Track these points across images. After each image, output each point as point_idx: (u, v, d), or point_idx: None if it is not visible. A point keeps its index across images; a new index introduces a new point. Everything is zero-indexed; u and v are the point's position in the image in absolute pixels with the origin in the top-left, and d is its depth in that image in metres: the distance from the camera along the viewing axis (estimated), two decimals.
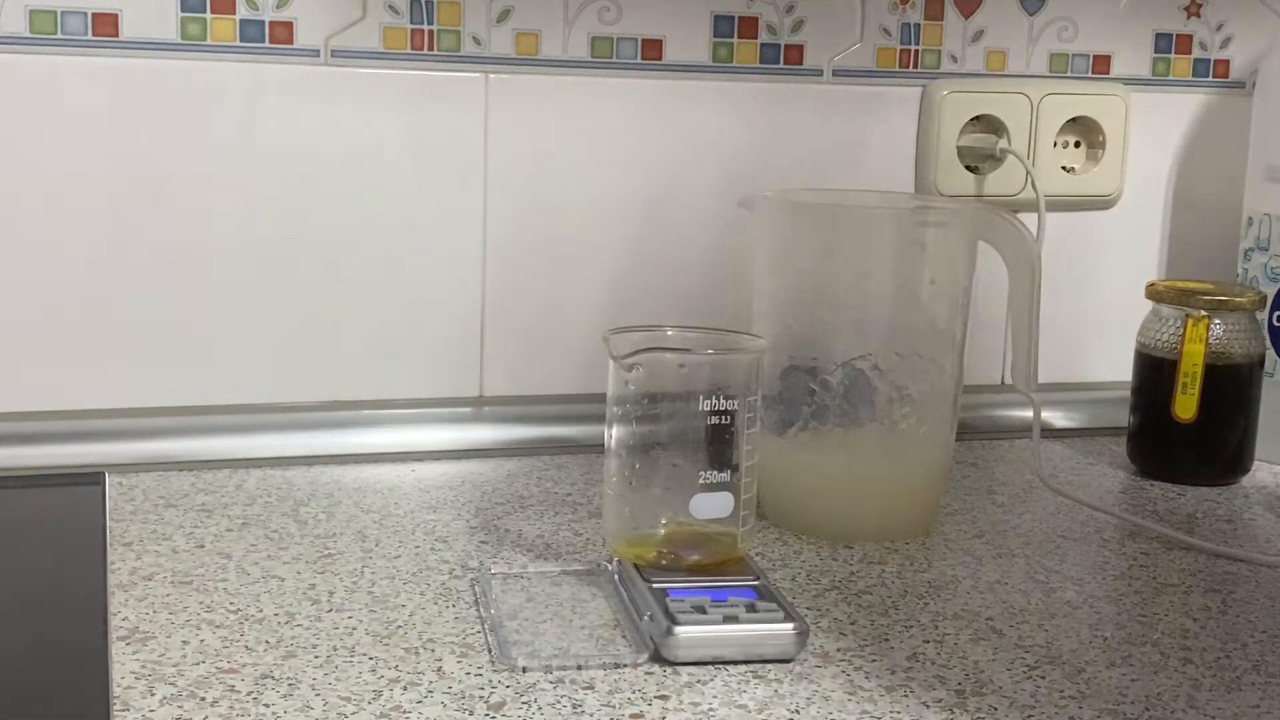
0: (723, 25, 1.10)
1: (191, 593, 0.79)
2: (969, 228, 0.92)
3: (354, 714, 0.66)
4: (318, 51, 1.02)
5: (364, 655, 0.72)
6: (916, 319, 0.91)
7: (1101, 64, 1.19)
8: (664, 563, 0.80)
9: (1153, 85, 1.20)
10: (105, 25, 0.98)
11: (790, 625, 0.73)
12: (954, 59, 1.15)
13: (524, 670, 0.70)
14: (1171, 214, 1.23)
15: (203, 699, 0.67)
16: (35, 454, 1.00)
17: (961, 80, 1.15)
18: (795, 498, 0.92)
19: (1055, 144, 1.17)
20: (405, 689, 0.68)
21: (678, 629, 0.72)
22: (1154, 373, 1.06)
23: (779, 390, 0.92)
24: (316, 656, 0.72)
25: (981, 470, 1.08)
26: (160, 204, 1.01)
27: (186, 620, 0.75)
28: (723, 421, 0.80)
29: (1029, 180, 1.14)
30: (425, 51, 1.04)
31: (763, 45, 1.11)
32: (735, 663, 0.72)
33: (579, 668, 0.71)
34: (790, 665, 0.72)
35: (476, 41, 1.05)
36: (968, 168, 1.15)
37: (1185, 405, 1.04)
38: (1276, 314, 1.09)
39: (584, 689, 0.69)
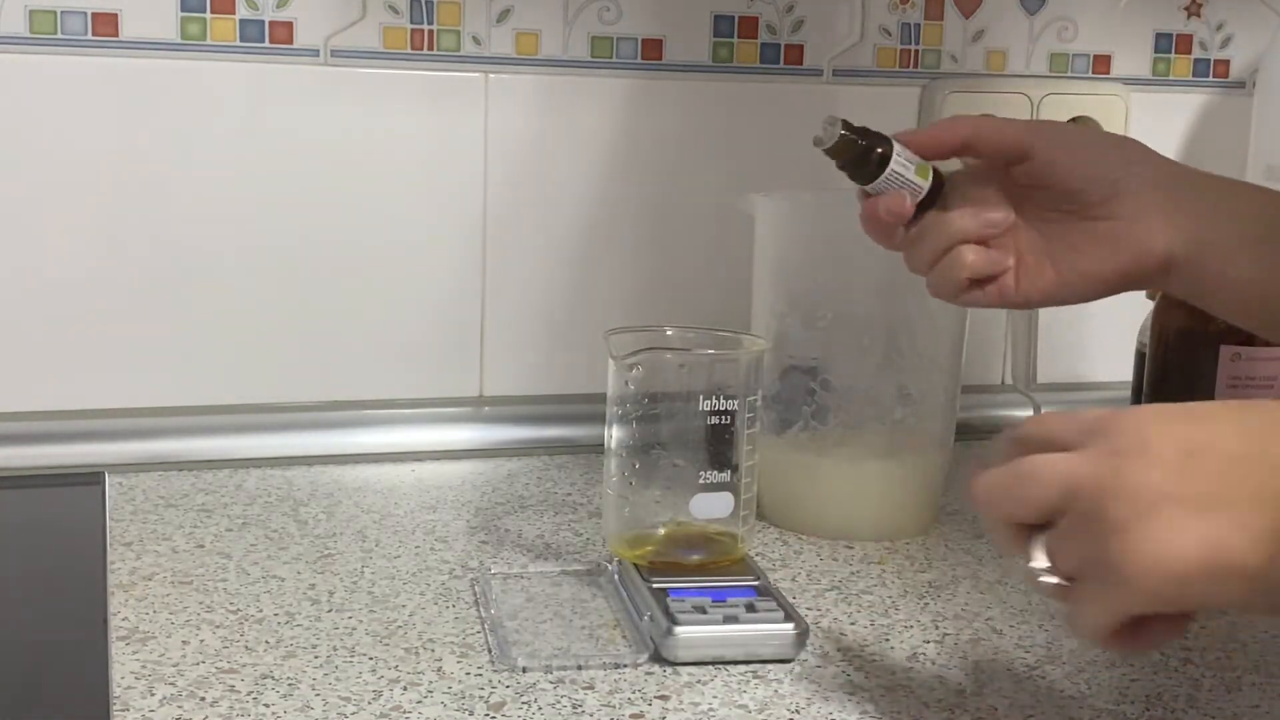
0: (723, 25, 1.10)
1: (191, 593, 0.79)
2: None
3: (354, 714, 0.66)
4: (318, 51, 1.02)
5: (364, 655, 0.72)
6: (916, 319, 0.91)
7: (1101, 64, 1.19)
8: (664, 563, 0.80)
9: (1153, 85, 1.20)
10: (105, 25, 0.98)
11: (790, 625, 0.73)
12: (954, 59, 1.15)
13: (524, 670, 0.70)
14: None
15: (203, 699, 0.67)
16: (35, 454, 1.00)
17: (961, 80, 1.14)
18: (795, 498, 0.92)
19: None
20: (405, 689, 0.68)
21: (678, 629, 0.72)
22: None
23: (779, 390, 0.92)
24: (316, 656, 0.71)
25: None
26: (160, 204, 1.01)
27: (186, 620, 0.75)
28: (723, 421, 0.80)
29: None
30: (425, 51, 1.04)
31: (763, 45, 1.11)
32: (735, 663, 0.72)
33: (579, 668, 0.71)
34: (790, 665, 0.72)
35: (476, 41, 1.05)
36: None
37: None
38: None
39: (584, 689, 0.69)
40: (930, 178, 0.77)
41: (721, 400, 0.80)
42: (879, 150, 0.76)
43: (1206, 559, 0.53)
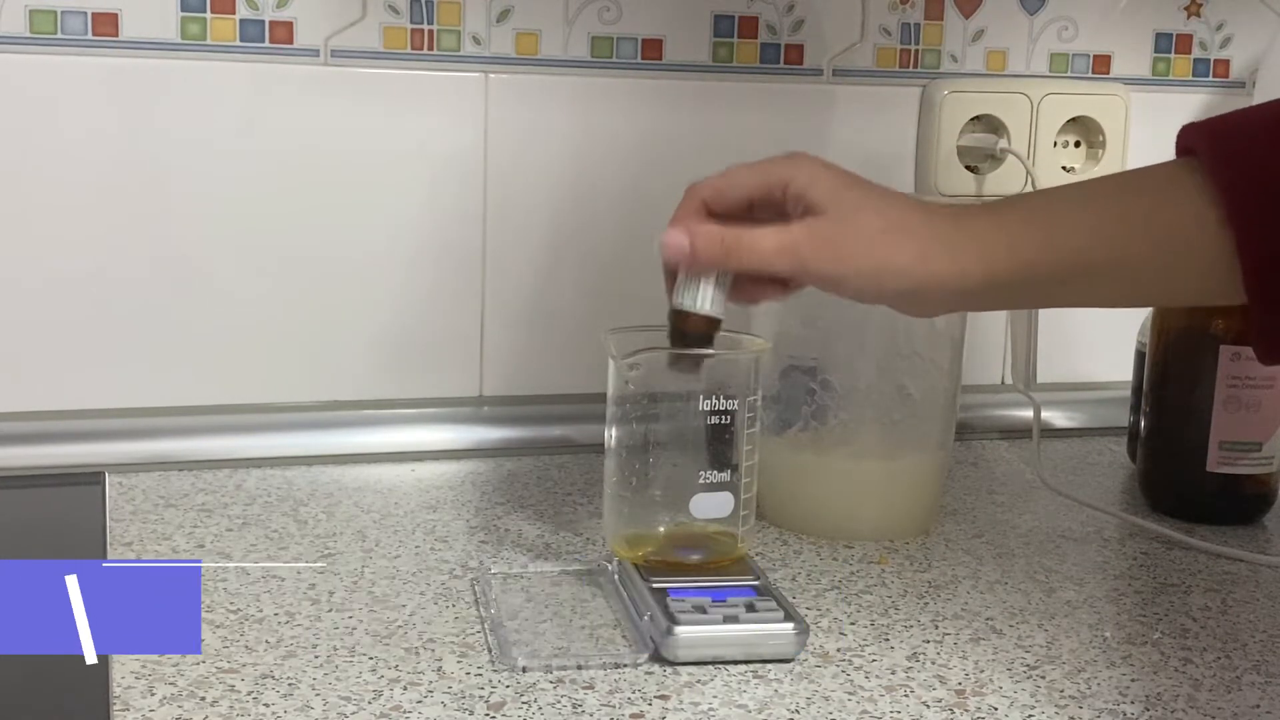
0: (723, 25, 1.10)
1: None
2: None
3: (354, 714, 0.66)
4: (318, 51, 1.02)
5: (364, 655, 0.72)
6: (916, 319, 0.91)
7: (1101, 64, 1.19)
8: (664, 563, 0.80)
9: (1153, 85, 1.20)
10: (105, 25, 0.98)
11: (790, 625, 0.73)
12: (954, 59, 1.15)
13: (524, 670, 0.70)
14: None
15: (203, 699, 0.67)
16: (35, 454, 1.00)
17: (961, 80, 1.14)
18: (795, 498, 0.92)
19: (1055, 144, 1.17)
20: (405, 689, 0.68)
21: (678, 629, 0.72)
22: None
23: (779, 390, 0.92)
24: (316, 656, 0.71)
25: (981, 470, 1.08)
26: (160, 203, 1.01)
27: None
28: (723, 421, 0.80)
29: (1029, 180, 1.14)
30: (425, 51, 1.04)
31: (763, 45, 1.11)
32: (735, 663, 0.72)
33: (579, 668, 0.71)
34: (790, 665, 0.72)
35: (476, 41, 1.05)
36: (968, 168, 1.15)
37: None
38: None
39: (584, 689, 0.69)
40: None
41: (721, 400, 0.80)
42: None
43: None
